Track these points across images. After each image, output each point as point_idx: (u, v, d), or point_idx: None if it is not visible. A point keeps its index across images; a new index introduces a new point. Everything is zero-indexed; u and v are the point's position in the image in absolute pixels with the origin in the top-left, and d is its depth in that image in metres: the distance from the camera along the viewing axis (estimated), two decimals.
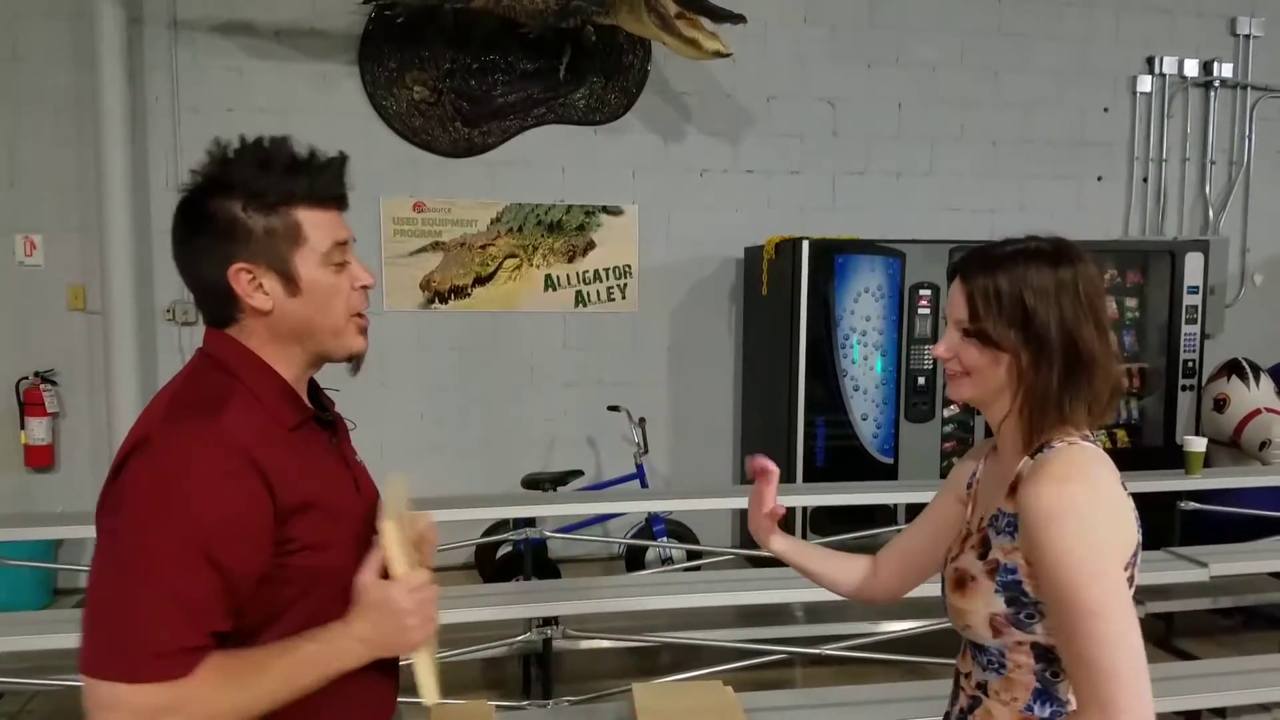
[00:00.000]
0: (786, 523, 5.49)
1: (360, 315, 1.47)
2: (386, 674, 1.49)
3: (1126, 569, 1.37)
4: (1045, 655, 1.43)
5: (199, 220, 1.38)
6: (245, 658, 1.29)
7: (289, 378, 1.43)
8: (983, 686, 1.50)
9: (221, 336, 1.42)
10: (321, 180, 1.40)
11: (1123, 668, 1.30)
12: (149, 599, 1.22)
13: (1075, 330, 1.42)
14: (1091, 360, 1.42)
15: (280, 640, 1.33)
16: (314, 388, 1.53)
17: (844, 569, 1.82)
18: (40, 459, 5.37)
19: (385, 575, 1.39)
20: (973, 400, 1.52)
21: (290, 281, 1.39)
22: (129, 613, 1.22)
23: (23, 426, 5.33)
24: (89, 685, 1.23)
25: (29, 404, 5.31)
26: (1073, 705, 1.43)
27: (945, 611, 1.57)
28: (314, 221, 1.40)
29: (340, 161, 1.44)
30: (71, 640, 3.29)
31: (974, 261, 1.49)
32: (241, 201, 1.36)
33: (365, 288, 1.47)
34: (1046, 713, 1.44)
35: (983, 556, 1.46)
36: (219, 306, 1.41)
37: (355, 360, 1.49)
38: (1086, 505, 1.35)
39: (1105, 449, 1.48)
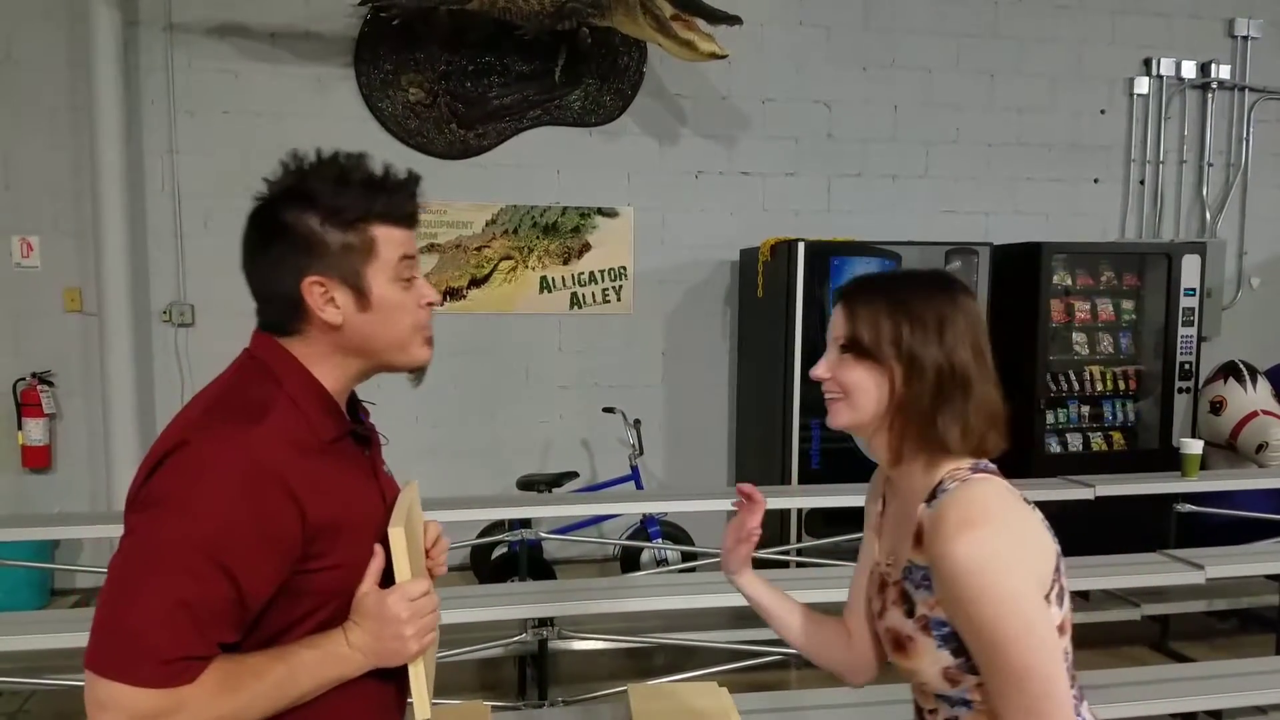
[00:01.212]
0: (782, 525, 5.44)
1: (426, 328, 1.46)
2: (391, 683, 1.47)
3: (1049, 593, 1.33)
4: None
5: (275, 230, 1.38)
6: (244, 664, 1.28)
7: (335, 390, 1.42)
8: None
9: (271, 341, 1.41)
10: (397, 199, 1.41)
11: (1049, 718, 1.29)
12: (161, 604, 1.22)
13: (951, 351, 1.40)
14: (966, 381, 1.40)
15: (279, 647, 1.32)
16: (351, 399, 1.52)
17: (827, 638, 1.70)
18: (37, 460, 5.37)
19: (393, 581, 1.38)
20: (850, 426, 1.47)
21: (362, 296, 1.38)
22: (139, 615, 1.22)
23: (20, 427, 5.33)
24: (90, 680, 1.23)
25: (26, 405, 5.32)
26: None
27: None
28: (386, 238, 1.40)
29: (414, 181, 1.45)
30: (68, 640, 3.29)
31: (857, 284, 1.50)
32: (320, 216, 1.36)
33: (431, 304, 1.46)
34: None
35: (910, 614, 1.42)
36: (286, 317, 1.40)
37: (419, 371, 1.48)
38: (996, 551, 1.30)
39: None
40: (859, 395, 1.44)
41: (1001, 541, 1.31)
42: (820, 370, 1.49)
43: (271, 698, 1.29)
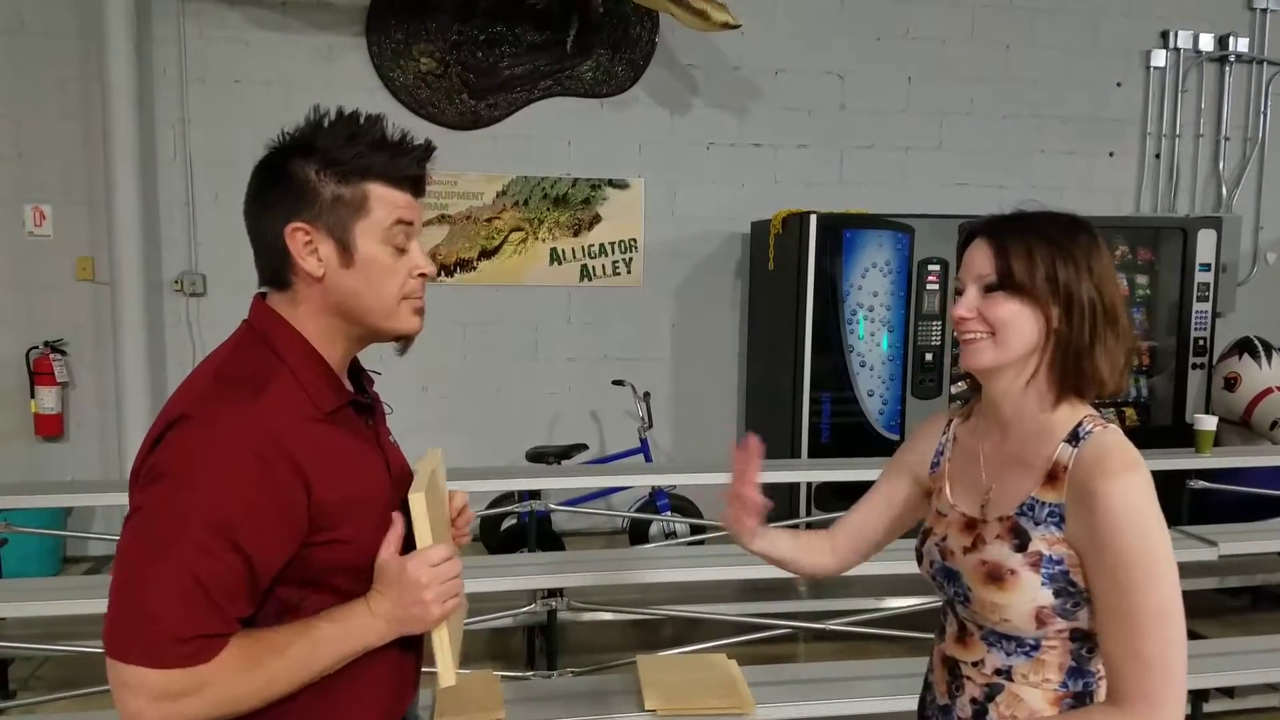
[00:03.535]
0: (791, 498, 5.42)
1: (417, 298, 1.45)
2: (411, 654, 1.49)
3: None
4: (1082, 636, 1.41)
5: (274, 177, 1.38)
6: (265, 640, 1.29)
7: (333, 358, 1.41)
8: (1004, 672, 1.46)
9: (270, 311, 1.40)
10: (400, 160, 1.39)
11: (1175, 669, 1.30)
12: (173, 583, 1.21)
13: (1101, 286, 1.40)
14: (1116, 318, 1.40)
15: (300, 621, 1.32)
16: (355, 368, 1.51)
17: (812, 552, 1.75)
18: (50, 428, 5.40)
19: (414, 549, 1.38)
20: (992, 366, 1.44)
21: (346, 251, 1.36)
22: (153, 595, 1.22)
23: (33, 396, 5.35)
24: (111, 664, 1.23)
25: (39, 373, 5.34)
26: (1100, 674, 1.42)
27: (958, 603, 1.51)
28: (382, 197, 1.38)
29: (426, 148, 1.43)
30: (81, 607, 3.31)
31: (999, 221, 1.47)
32: (318, 165, 1.35)
33: (423, 275, 1.44)
34: (1079, 686, 1.43)
35: (1020, 549, 1.41)
36: (274, 266, 1.39)
37: (405, 341, 1.46)
38: (1150, 501, 1.33)
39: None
40: (1009, 333, 1.41)
41: (1152, 492, 1.35)
42: (962, 310, 1.44)
43: (294, 672, 1.30)
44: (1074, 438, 1.40)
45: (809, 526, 4.83)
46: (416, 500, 1.36)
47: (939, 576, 1.54)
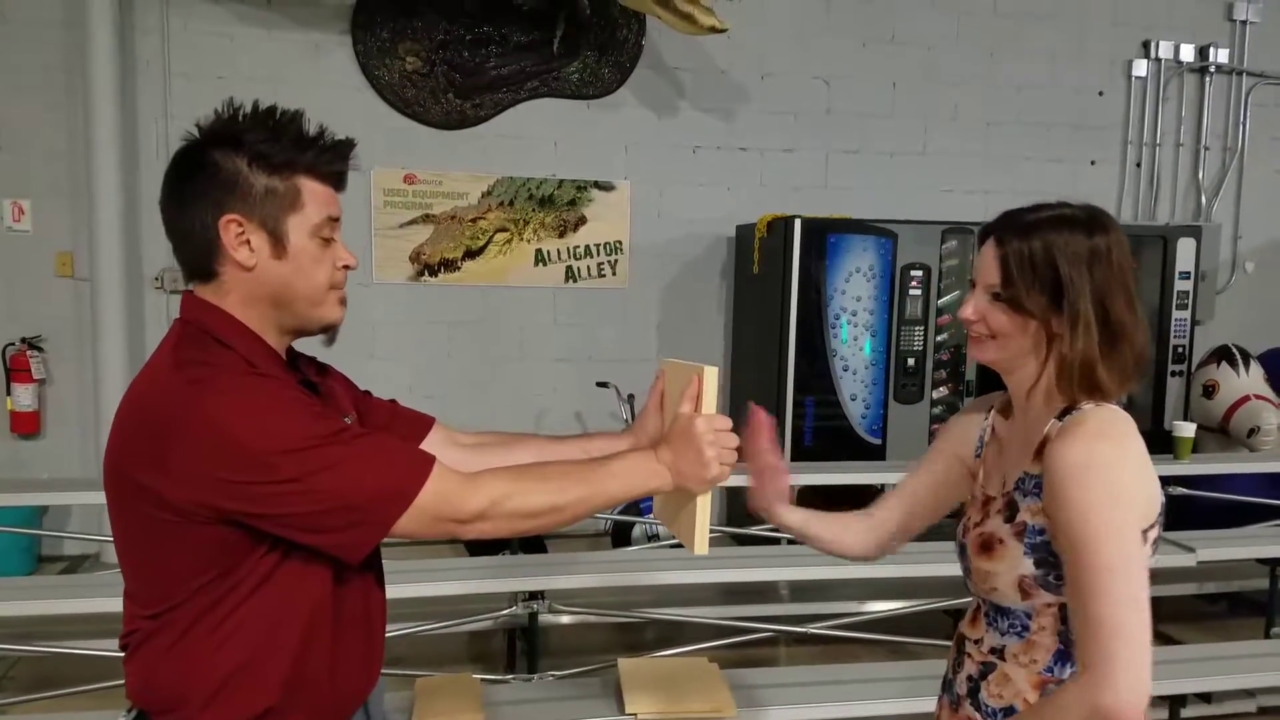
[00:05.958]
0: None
1: (341, 289, 1.48)
2: (374, 633, 1.52)
3: (1148, 530, 1.37)
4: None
5: (199, 167, 1.38)
6: (559, 464, 1.49)
7: (273, 345, 1.44)
8: (998, 651, 1.50)
9: (203, 304, 1.41)
10: (328, 155, 1.42)
11: (1129, 626, 1.29)
12: (365, 457, 1.32)
13: (1107, 299, 1.41)
14: (1121, 329, 1.42)
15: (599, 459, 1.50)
16: (293, 358, 1.54)
17: (854, 534, 1.78)
18: (26, 425, 5.34)
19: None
20: (996, 363, 1.51)
21: (278, 243, 1.39)
22: (369, 479, 1.31)
23: (9, 393, 5.29)
24: (430, 503, 1.35)
25: (15, 370, 5.27)
26: None
27: (966, 578, 1.56)
28: (313, 192, 1.41)
29: (349, 144, 1.46)
30: (55, 607, 3.25)
31: (1008, 225, 1.48)
32: (248, 158, 1.37)
33: (347, 268, 1.47)
34: (1065, 673, 1.43)
35: (1010, 519, 1.45)
36: (201, 257, 1.40)
37: (330, 331, 1.49)
38: (1111, 463, 1.34)
39: None
40: (1009, 340, 1.47)
41: (1117, 457, 1.36)
42: (968, 313, 1.50)
43: (584, 487, 1.43)
44: (1064, 414, 1.44)
45: None
46: (710, 374, 1.52)
47: (957, 553, 1.60)
